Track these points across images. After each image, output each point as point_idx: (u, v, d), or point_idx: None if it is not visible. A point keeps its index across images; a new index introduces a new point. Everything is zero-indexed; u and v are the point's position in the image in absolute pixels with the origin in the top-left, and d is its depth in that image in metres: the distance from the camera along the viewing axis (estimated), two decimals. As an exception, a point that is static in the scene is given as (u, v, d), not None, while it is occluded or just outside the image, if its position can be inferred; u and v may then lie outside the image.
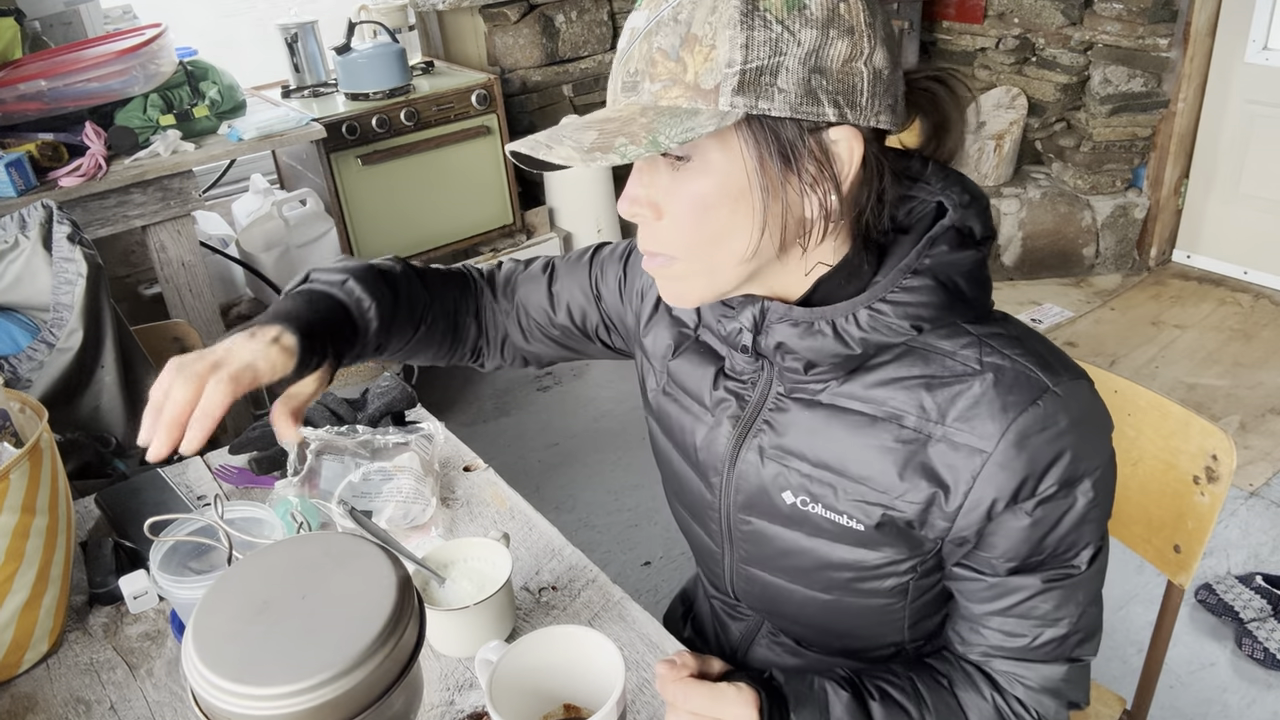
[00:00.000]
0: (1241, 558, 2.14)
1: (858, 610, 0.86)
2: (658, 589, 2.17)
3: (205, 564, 0.99)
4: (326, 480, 1.17)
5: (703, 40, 0.65)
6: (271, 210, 2.61)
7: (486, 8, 2.97)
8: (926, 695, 0.80)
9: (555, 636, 0.83)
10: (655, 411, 0.95)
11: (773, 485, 0.83)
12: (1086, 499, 0.75)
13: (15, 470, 0.92)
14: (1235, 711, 1.80)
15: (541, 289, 1.04)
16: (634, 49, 0.69)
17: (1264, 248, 3.18)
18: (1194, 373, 2.81)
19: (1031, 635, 0.79)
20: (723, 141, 0.68)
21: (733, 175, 0.69)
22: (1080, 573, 0.78)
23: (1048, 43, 3.29)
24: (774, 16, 0.64)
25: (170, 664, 0.98)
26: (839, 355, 0.75)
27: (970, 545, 0.78)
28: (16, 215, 1.52)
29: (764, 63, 0.65)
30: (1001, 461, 0.72)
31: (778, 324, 0.77)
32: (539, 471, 2.61)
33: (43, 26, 2.37)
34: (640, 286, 0.98)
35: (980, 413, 0.73)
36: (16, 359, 1.48)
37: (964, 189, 0.77)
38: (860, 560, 0.82)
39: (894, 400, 0.76)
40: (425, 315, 0.98)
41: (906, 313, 0.73)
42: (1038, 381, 0.73)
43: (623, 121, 0.67)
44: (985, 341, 0.75)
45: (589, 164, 0.66)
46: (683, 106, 0.66)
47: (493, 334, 1.06)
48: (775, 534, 0.85)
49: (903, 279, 0.73)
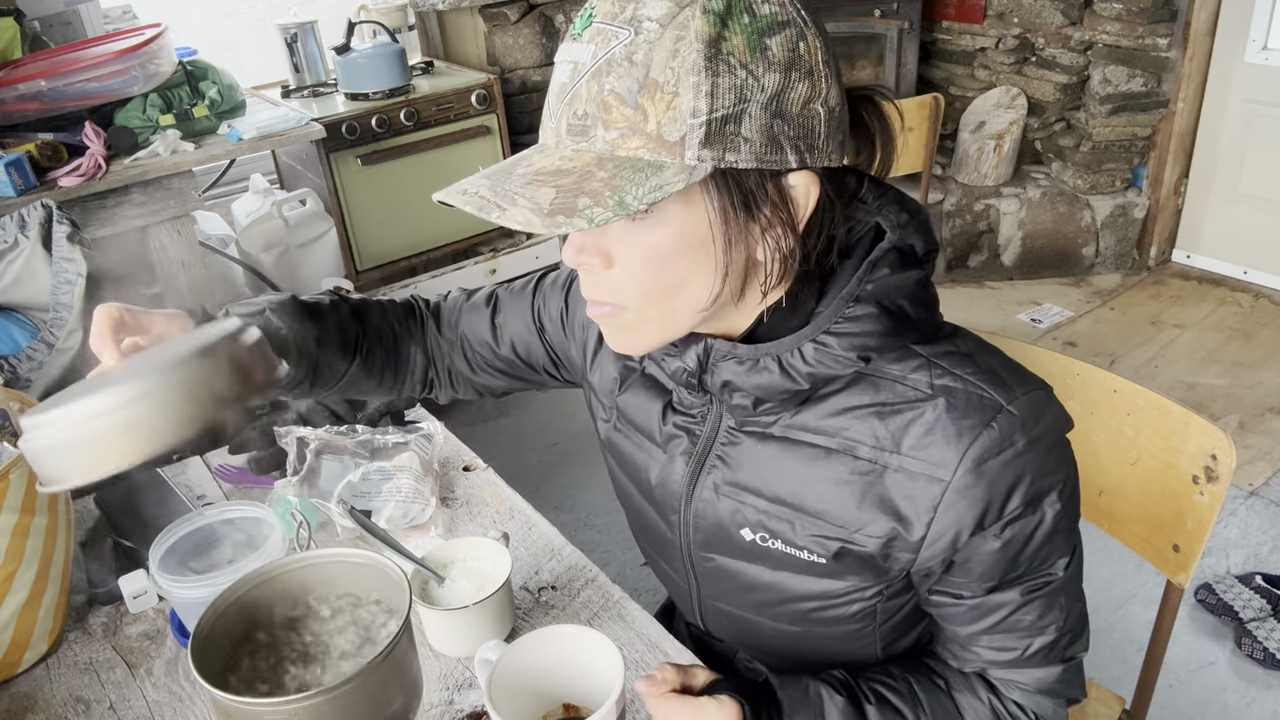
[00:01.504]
0: (1241, 557, 2.14)
1: (828, 638, 0.86)
2: (657, 589, 2.17)
3: (205, 564, 0.99)
4: (326, 480, 1.18)
5: (664, 87, 0.61)
6: (271, 210, 2.61)
7: (486, 8, 2.97)
8: (923, 698, 0.80)
9: (555, 636, 0.83)
10: (610, 448, 0.94)
11: (730, 522, 0.82)
12: (1054, 511, 0.74)
13: (15, 470, 0.92)
14: (1234, 711, 1.80)
15: (484, 321, 1.01)
16: (580, 88, 0.64)
17: (1264, 248, 3.18)
18: (1193, 372, 2.82)
19: (1021, 647, 0.79)
20: (685, 194, 0.64)
21: (693, 226, 0.66)
22: (1058, 579, 0.77)
23: (1047, 43, 3.29)
24: (737, 60, 0.61)
25: (170, 664, 0.98)
26: (786, 391, 0.74)
27: (937, 575, 0.77)
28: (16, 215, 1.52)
29: (729, 111, 0.62)
30: (960, 489, 0.71)
31: (723, 362, 0.75)
32: (539, 471, 2.61)
33: (42, 26, 2.37)
34: (582, 319, 0.95)
35: (935, 440, 0.71)
36: (16, 359, 1.48)
37: (901, 207, 0.75)
38: (825, 590, 0.81)
39: (847, 430, 0.75)
40: (359, 346, 0.95)
41: (852, 344, 0.71)
42: (991, 401, 0.71)
43: (579, 175, 0.63)
44: (935, 363, 0.73)
45: (552, 231, 0.61)
46: (645, 159, 0.63)
47: (440, 365, 1.04)
48: (738, 570, 0.84)
49: (845, 308, 0.71)
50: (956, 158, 3.43)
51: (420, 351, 1.03)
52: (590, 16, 0.65)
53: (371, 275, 2.78)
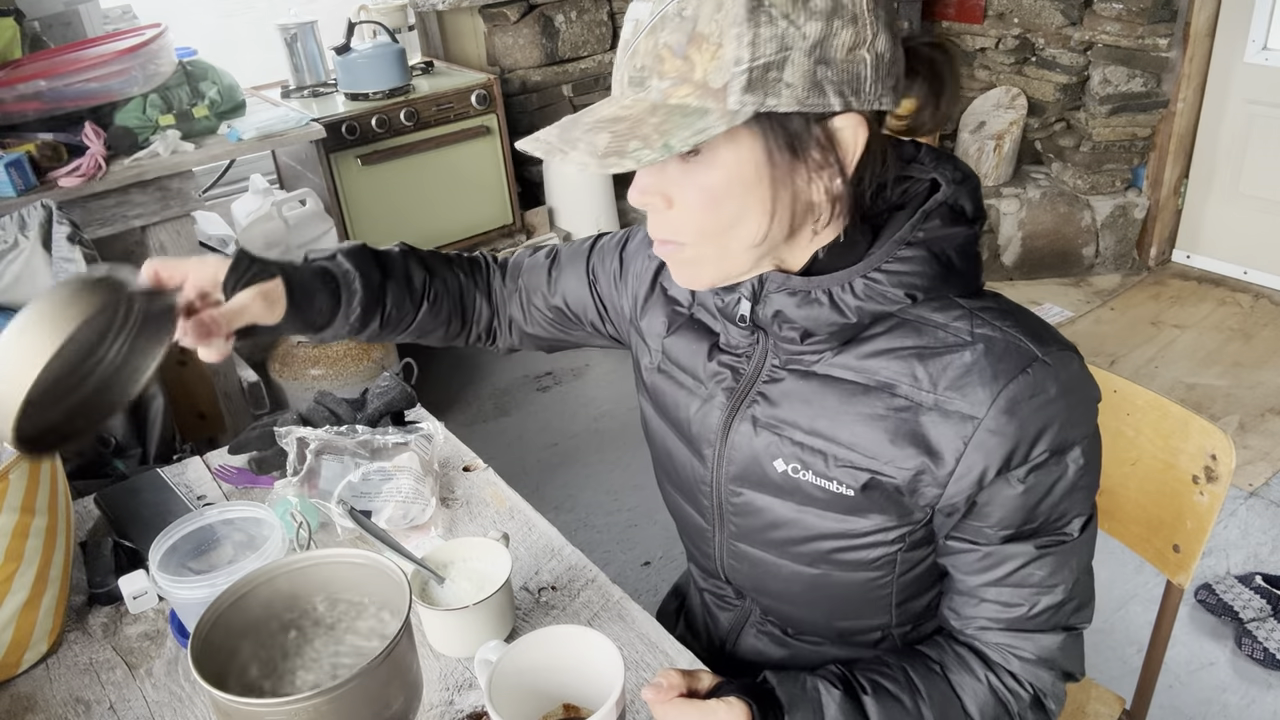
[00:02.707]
0: (1241, 558, 2.14)
1: (844, 585, 0.87)
2: (657, 589, 2.17)
3: (204, 564, 0.99)
4: (326, 480, 1.18)
5: (709, 38, 0.65)
6: (271, 210, 2.61)
7: (486, 8, 2.97)
8: (920, 683, 0.80)
9: (555, 636, 0.83)
10: (649, 390, 0.97)
11: (765, 454, 0.84)
12: (1077, 466, 0.76)
13: (15, 470, 0.92)
14: (1235, 711, 1.80)
15: (543, 274, 1.06)
16: (639, 43, 0.69)
17: (1263, 248, 3.18)
18: (1193, 372, 2.82)
19: (1029, 604, 0.80)
20: (732, 137, 0.69)
21: (742, 168, 0.70)
22: (1073, 539, 0.79)
23: (1047, 43, 3.29)
24: (779, 11, 0.65)
25: (169, 664, 0.98)
26: (835, 324, 0.77)
27: (960, 514, 0.79)
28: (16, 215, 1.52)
29: (771, 59, 0.65)
30: (992, 428, 0.74)
31: (776, 293, 0.79)
32: (539, 471, 2.61)
33: (42, 26, 2.37)
34: (637, 270, 0.99)
35: (971, 380, 0.74)
36: (16, 359, 1.48)
37: (956, 167, 0.78)
38: (848, 529, 0.82)
39: (887, 370, 0.77)
40: (426, 293, 1.01)
41: (901, 281, 0.74)
42: (1027, 351, 0.74)
43: (633, 121, 0.68)
44: (977, 314, 0.76)
45: (604, 170, 0.67)
46: (692, 105, 0.67)
47: (503, 315, 1.10)
48: (765, 505, 0.86)
49: (897, 250, 0.75)
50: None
51: (485, 302, 1.09)
52: None
53: (371, 275, 2.78)
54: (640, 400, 1.01)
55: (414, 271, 1.01)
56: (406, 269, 1.00)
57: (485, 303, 1.09)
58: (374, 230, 2.73)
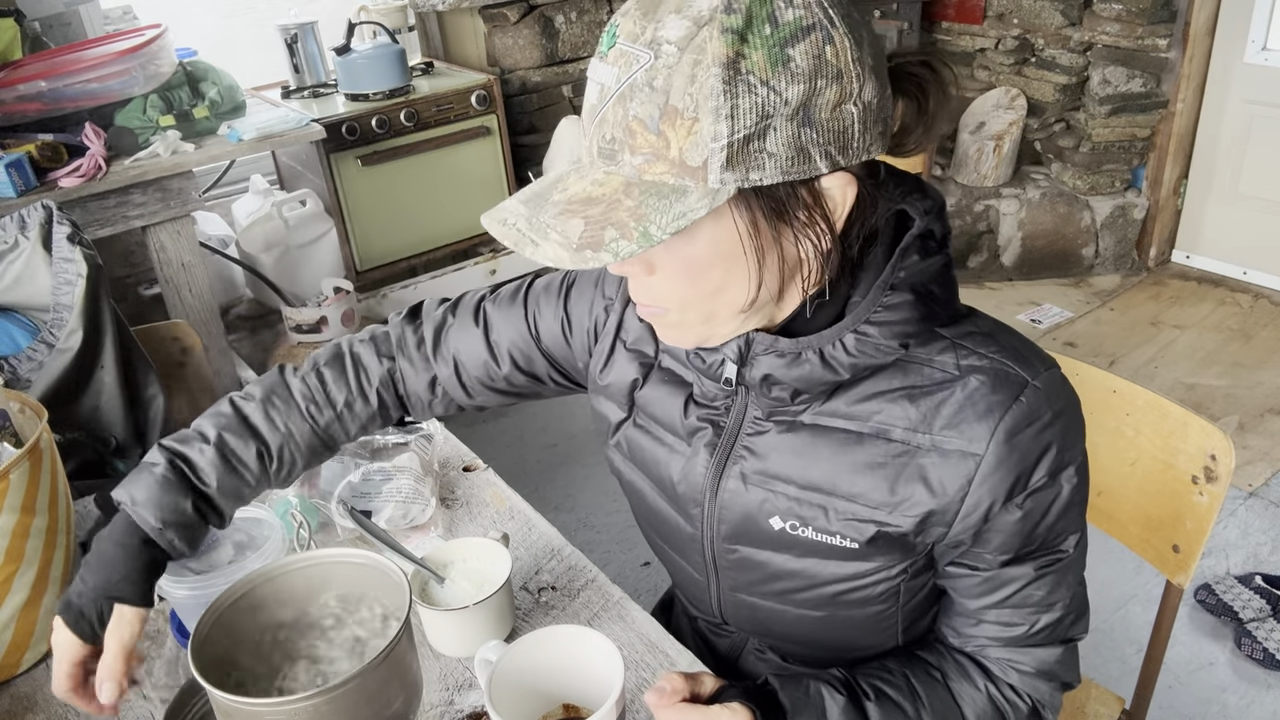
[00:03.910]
0: (1240, 558, 2.14)
1: (851, 622, 0.86)
2: (657, 589, 2.17)
3: (205, 564, 0.99)
4: (326, 480, 1.18)
5: (684, 113, 0.61)
6: (271, 211, 2.61)
7: (486, 8, 2.97)
8: (921, 690, 0.80)
9: (554, 636, 0.83)
10: (625, 446, 0.92)
11: (759, 511, 0.82)
12: (1071, 485, 0.76)
13: (15, 470, 0.92)
14: (1234, 711, 1.80)
15: (478, 341, 0.96)
16: (606, 111, 0.64)
17: (1263, 248, 3.18)
18: (1193, 373, 2.82)
19: (1028, 623, 0.80)
20: (715, 210, 0.64)
21: (724, 238, 0.67)
22: (1069, 555, 0.80)
23: (1047, 43, 3.29)
24: (758, 79, 0.60)
25: (170, 664, 0.98)
26: (827, 382, 0.75)
27: (965, 547, 0.78)
28: (16, 215, 1.52)
29: (751, 130, 0.61)
30: (994, 463, 0.73)
31: (763, 355, 0.75)
32: (538, 472, 2.61)
33: (43, 27, 2.37)
34: (588, 326, 0.93)
35: (966, 417, 0.73)
36: (16, 359, 1.48)
37: (925, 194, 0.75)
38: (852, 572, 0.81)
39: (879, 415, 0.76)
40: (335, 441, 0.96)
41: (893, 332, 0.72)
42: (1017, 378, 0.73)
43: (607, 205, 0.64)
44: (960, 344, 0.75)
45: (580, 266, 0.63)
46: (669, 184, 0.63)
47: (418, 400, 0.99)
48: (764, 559, 0.85)
49: (882, 296, 0.72)
50: (956, 158, 3.43)
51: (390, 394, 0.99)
52: (614, 36, 0.65)
53: (371, 275, 2.78)
54: (611, 455, 0.95)
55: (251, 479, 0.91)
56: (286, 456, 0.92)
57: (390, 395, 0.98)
58: (374, 231, 2.73)
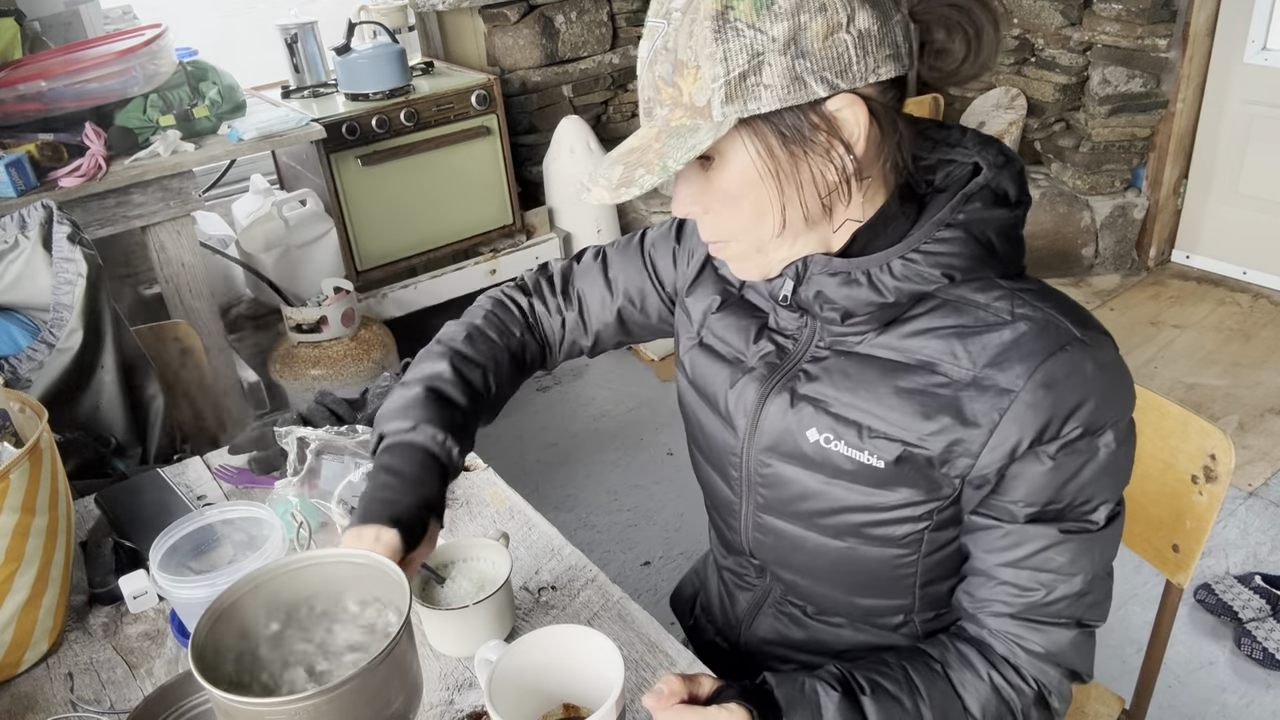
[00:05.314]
0: (1240, 557, 2.14)
1: (869, 561, 0.87)
2: (657, 589, 2.17)
3: (205, 564, 0.99)
4: (326, 480, 1.18)
5: (688, 64, 0.72)
6: (271, 210, 2.62)
7: (486, 8, 2.97)
8: (920, 682, 0.80)
9: (555, 636, 0.83)
10: (687, 364, 0.99)
11: (798, 426, 0.86)
12: (1108, 450, 0.77)
13: (15, 470, 0.93)
14: (1234, 711, 1.80)
15: (598, 279, 1.09)
16: (643, 78, 0.77)
17: (1263, 248, 3.18)
18: (1193, 373, 2.82)
19: (1045, 589, 0.80)
20: (730, 143, 0.74)
21: (747, 169, 0.75)
22: (1097, 529, 0.80)
23: (1047, 43, 3.29)
24: (744, 23, 0.69)
25: (170, 664, 0.98)
26: (874, 304, 0.79)
27: (990, 487, 0.79)
28: (16, 215, 1.52)
29: (744, 68, 0.70)
30: (1029, 401, 0.75)
31: (818, 275, 0.82)
32: (539, 471, 2.61)
33: (43, 27, 2.37)
34: (689, 249, 1.03)
35: (1010, 356, 0.76)
36: (16, 359, 1.48)
37: (1000, 151, 0.81)
38: (876, 502, 0.83)
39: (928, 349, 0.80)
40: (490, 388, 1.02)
41: (938, 261, 0.77)
42: (1066, 330, 0.76)
43: (641, 151, 0.76)
44: (1018, 294, 0.78)
45: (617, 199, 0.75)
46: (685, 125, 0.74)
47: (553, 340, 1.11)
48: (793, 477, 0.87)
49: (936, 231, 0.78)
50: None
51: (533, 341, 1.10)
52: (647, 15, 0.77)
53: (372, 275, 2.78)
54: (677, 374, 1.03)
55: (476, 384, 1.01)
56: (470, 393, 0.99)
57: (533, 341, 1.10)
58: (374, 231, 2.73)
